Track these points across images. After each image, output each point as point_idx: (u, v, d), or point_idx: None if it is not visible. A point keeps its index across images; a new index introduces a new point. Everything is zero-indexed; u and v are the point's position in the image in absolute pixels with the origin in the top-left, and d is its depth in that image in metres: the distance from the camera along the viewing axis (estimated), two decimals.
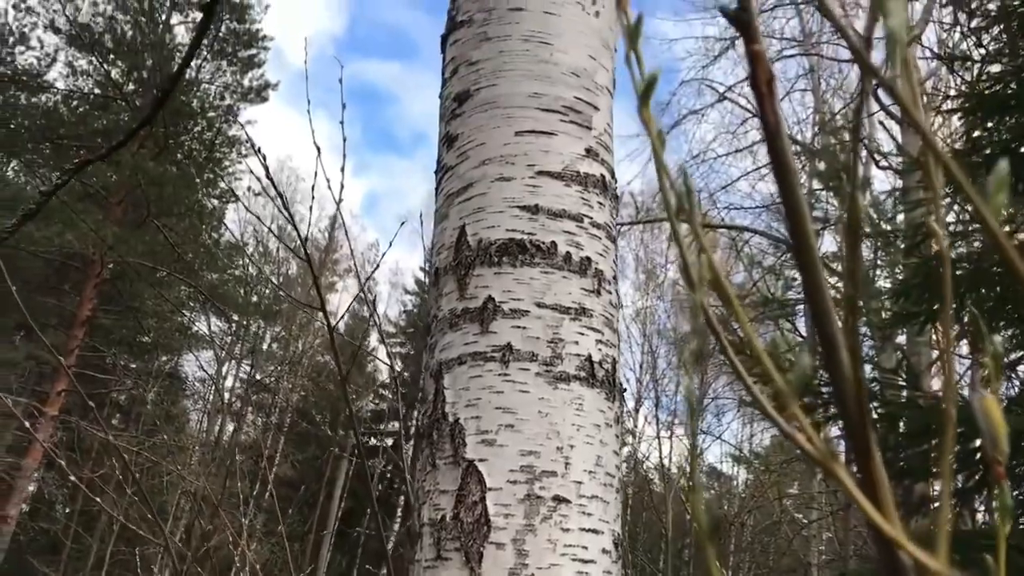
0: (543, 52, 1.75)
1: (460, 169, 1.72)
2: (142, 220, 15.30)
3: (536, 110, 1.71)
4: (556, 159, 1.67)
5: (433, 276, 1.70)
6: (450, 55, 1.87)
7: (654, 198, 17.14)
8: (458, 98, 1.79)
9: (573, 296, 1.56)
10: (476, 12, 1.83)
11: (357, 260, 16.55)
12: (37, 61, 16.21)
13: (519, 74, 1.73)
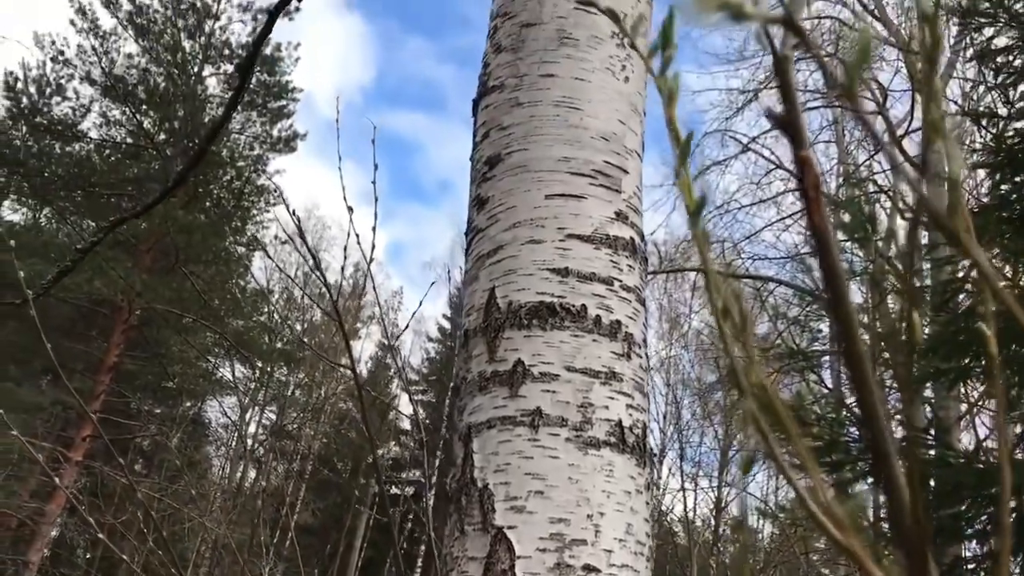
0: (573, 117, 1.77)
1: (491, 231, 1.74)
2: (170, 267, 15.49)
3: (566, 174, 1.72)
4: (586, 222, 1.68)
5: (463, 338, 1.71)
6: (481, 119, 1.90)
7: (677, 247, 17.13)
8: (489, 161, 1.81)
9: (603, 360, 1.56)
10: (508, 78, 1.86)
11: (381, 307, 16.63)
12: (72, 111, 16.59)
13: (550, 138, 1.76)
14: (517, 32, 1.88)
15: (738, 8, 0.30)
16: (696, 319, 20.71)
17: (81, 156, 16.73)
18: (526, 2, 1.90)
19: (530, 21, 1.87)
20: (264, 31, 2.24)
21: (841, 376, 14.30)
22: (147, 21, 15.76)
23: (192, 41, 16.11)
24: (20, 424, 14.44)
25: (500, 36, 1.93)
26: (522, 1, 1.91)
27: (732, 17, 0.30)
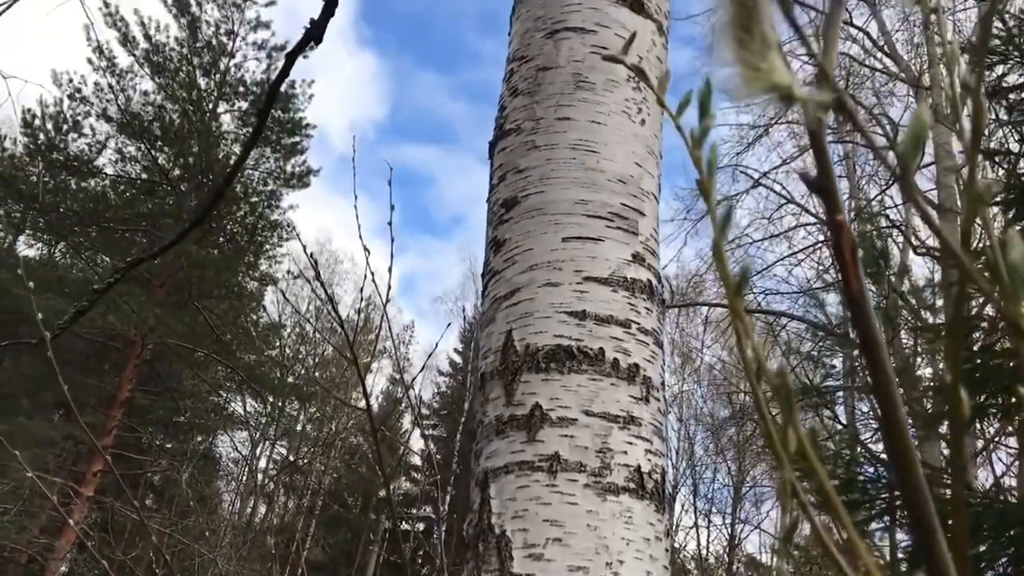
0: (590, 160, 1.77)
1: (507, 274, 1.74)
2: (184, 302, 15.56)
3: (583, 216, 1.72)
4: (603, 265, 1.68)
5: (479, 380, 1.70)
6: (498, 161, 1.91)
7: (689, 282, 17.11)
8: (506, 204, 1.82)
9: (621, 404, 1.55)
10: (524, 121, 1.87)
11: (396, 349, 16.61)
12: (88, 147, 16.77)
13: (566, 181, 1.76)
14: (534, 76, 1.90)
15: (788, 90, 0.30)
16: (708, 354, 20.63)
17: (96, 192, 16.88)
18: (542, 46, 1.91)
19: (546, 65, 1.89)
20: (282, 74, 2.27)
21: (855, 412, 14.19)
22: (163, 59, 15.98)
23: (207, 78, 16.31)
24: (31, 459, 14.44)
25: (516, 80, 1.94)
26: (538, 45, 1.92)
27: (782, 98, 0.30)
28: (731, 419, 19.43)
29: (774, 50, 0.29)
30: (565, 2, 1.92)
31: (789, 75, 0.29)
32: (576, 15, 1.90)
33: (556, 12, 1.93)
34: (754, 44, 0.28)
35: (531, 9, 1.98)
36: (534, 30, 1.95)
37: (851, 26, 14.90)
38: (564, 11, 1.92)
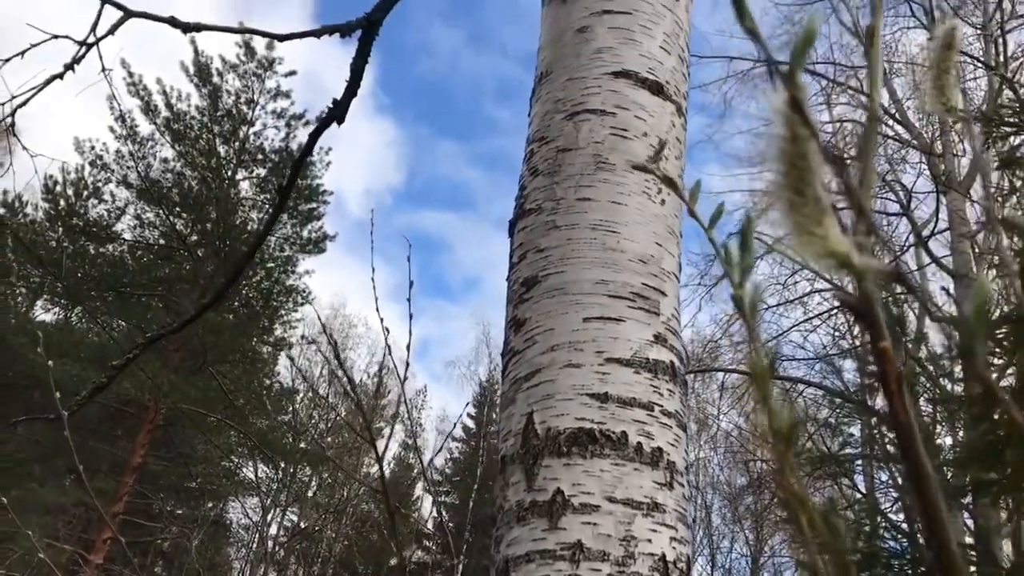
0: (610, 240, 1.78)
1: (528, 354, 1.73)
2: (198, 367, 15.57)
3: (604, 296, 1.72)
4: (625, 346, 1.67)
5: (500, 463, 1.68)
6: (518, 240, 1.91)
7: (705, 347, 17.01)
8: (526, 283, 1.82)
9: (645, 490, 1.52)
10: (544, 201, 1.88)
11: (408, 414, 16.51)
12: (107, 213, 16.98)
13: (587, 261, 1.76)
14: (554, 156, 1.91)
15: (844, 258, 0.29)
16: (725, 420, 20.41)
17: (114, 257, 17.04)
18: (562, 128, 1.93)
19: (567, 146, 1.90)
20: (304, 152, 2.30)
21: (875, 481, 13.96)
22: (184, 127, 16.26)
23: (227, 146, 16.56)
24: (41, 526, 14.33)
25: (537, 160, 1.96)
26: (558, 127, 1.94)
27: (839, 267, 0.30)
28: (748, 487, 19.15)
29: (829, 214, 0.28)
30: (585, 85, 1.95)
31: (845, 242, 0.29)
32: (596, 97, 1.93)
33: (576, 95, 1.95)
34: (808, 208, 0.28)
35: (551, 92, 2.01)
36: (554, 112, 1.97)
37: (861, 93, 15.07)
38: (584, 94, 1.94)
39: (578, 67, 1.99)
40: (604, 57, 1.98)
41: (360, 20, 2.22)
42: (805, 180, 0.29)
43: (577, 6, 2.07)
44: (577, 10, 2.06)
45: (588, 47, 2.00)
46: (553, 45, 2.09)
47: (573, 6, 2.08)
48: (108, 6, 2.05)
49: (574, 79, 1.98)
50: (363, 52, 2.25)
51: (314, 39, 2.20)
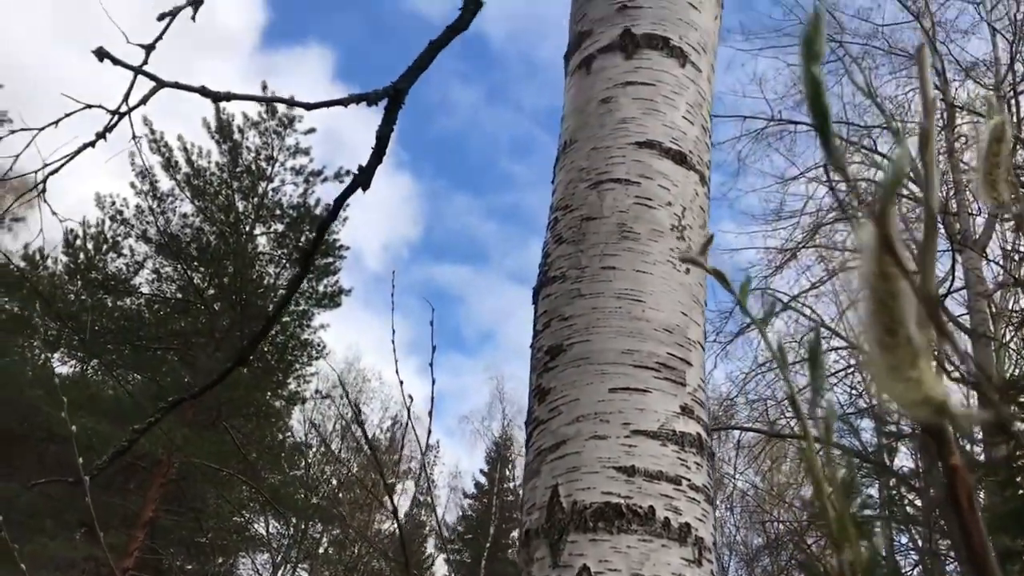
0: (636, 309, 1.77)
1: (552, 425, 1.72)
2: (211, 421, 15.54)
3: (630, 366, 1.71)
4: (651, 417, 1.66)
5: (523, 537, 1.65)
6: (542, 308, 1.91)
7: (721, 405, 16.87)
8: (550, 351, 1.81)
9: (673, 567, 1.50)
10: (569, 269, 1.88)
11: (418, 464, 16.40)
12: (125, 267, 17.15)
13: (612, 330, 1.76)
14: (578, 225, 1.92)
15: (941, 405, 0.29)
16: (741, 479, 20.15)
17: (131, 310, 17.15)
18: (586, 196, 1.94)
19: (591, 215, 1.91)
20: (329, 217, 2.32)
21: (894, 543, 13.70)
22: (204, 183, 16.48)
23: (245, 201, 16.76)
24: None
25: (561, 228, 1.96)
26: (582, 195, 1.95)
27: (935, 413, 0.29)
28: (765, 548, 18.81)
29: (923, 356, 0.28)
30: (609, 155, 1.96)
31: (941, 387, 0.28)
32: (620, 167, 1.94)
33: (600, 164, 1.97)
34: (900, 350, 0.28)
35: (575, 161, 2.03)
36: (578, 180, 1.99)
37: (875, 153, 15.13)
38: (608, 163, 1.96)
39: (602, 137, 2.01)
40: (628, 127, 1.99)
41: (386, 89, 2.26)
42: (897, 320, 0.28)
43: (601, 77, 2.09)
44: (601, 81, 2.09)
45: (612, 117, 2.02)
46: (577, 115, 2.11)
47: (597, 77, 2.10)
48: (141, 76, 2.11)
49: (598, 148, 1.99)
50: (389, 120, 2.28)
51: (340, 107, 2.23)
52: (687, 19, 2.16)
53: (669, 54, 2.09)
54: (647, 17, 2.14)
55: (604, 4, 2.20)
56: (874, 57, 15.16)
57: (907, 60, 14.63)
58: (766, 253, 15.72)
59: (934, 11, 14.32)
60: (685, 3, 2.18)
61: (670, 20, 2.14)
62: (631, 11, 2.15)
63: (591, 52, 2.16)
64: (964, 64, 14.04)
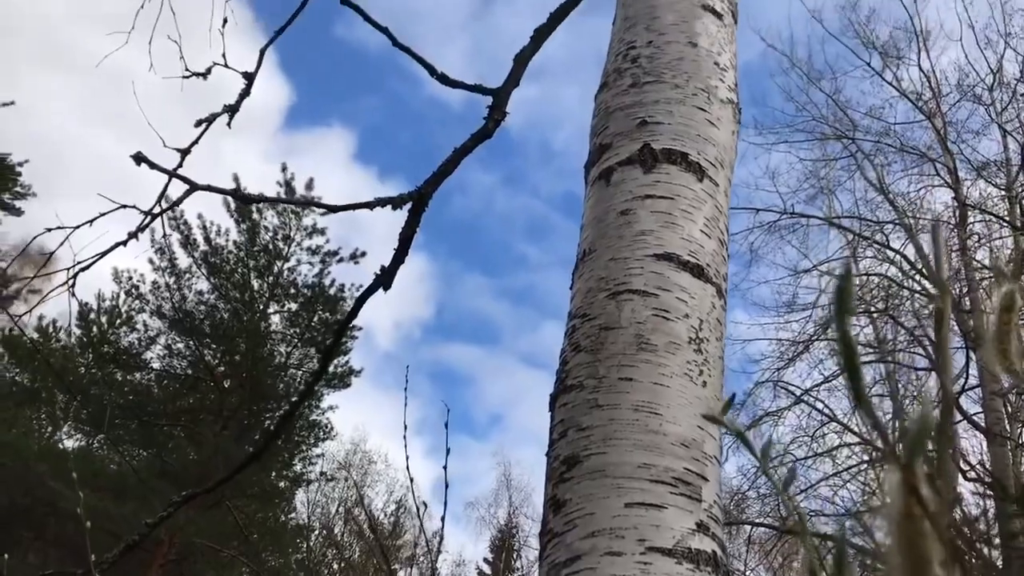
0: (653, 422, 1.79)
1: (567, 538, 1.71)
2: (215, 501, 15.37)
3: (646, 481, 1.72)
4: (667, 534, 1.65)
5: None
6: (559, 416, 1.93)
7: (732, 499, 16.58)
8: (567, 461, 1.82)
9: None
10: (586, 378, 1.90)
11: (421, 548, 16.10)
12: (138, 341, 17.23)
13: (629, 443, 1.76)
14: (596, 334, 1.95)
15: None
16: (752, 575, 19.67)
17: (141, 385, 17.17)
18: (605, 306, 1.98)
19: (609, 324, 1.94)
20: (350, 316, 2.36)
21: None
22: (220, 260, 16.66)
23: (260, 280, 16.90)
24: None
25: (579, 336, 1.99)
26: (601, 305, 1.99)
27: None
28: None
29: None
30: (627, 266, 2.00)
31: None
32: (638, 278, 1.98)
33: (619, 275, 2.00)
34: None
35: (594, 270, 2.06)
36: (597, 290, 2.02)
37: (888, 248, 15.20)
38: (627, 274, 2.00)
39: (621, 248, 2.05)
40: (647, 239, 2.04)
41: (411, 193, 2.32)
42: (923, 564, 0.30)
43: (621, 189, 2.15)
44: (620, 193, 2.14)
45: (631, 229, 2.07)
46: (596, 225, 2.16)
47: (617, 189, 2.16)
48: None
49: (617, 259, 2.03)
50: (412, 223, 2.34)
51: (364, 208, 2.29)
52: (705, 135, 2.23)
53: (687, 169, 2.15)
54: (666, 133, 2.20)
55: (624, 119, 2.28)
56: (886, 154, 15.37)
57: (919, 158, 14.83)
58: (778, 345, 15.66)
59: (945, 111, 14.58)
60: (703, 119, 2.25)
61: (689, 136, 2.21)
62: (651, 126, 2.22)
63: (611, 164, 2.22)
64: (976, 164, 14.21)
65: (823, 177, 16.18)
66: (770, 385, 15.43)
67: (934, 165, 14.60)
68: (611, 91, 2.38)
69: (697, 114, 2.25)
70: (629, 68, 2.36)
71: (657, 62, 2.33)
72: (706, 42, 2.38)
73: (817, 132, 15.90)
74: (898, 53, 15.18)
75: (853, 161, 15.74)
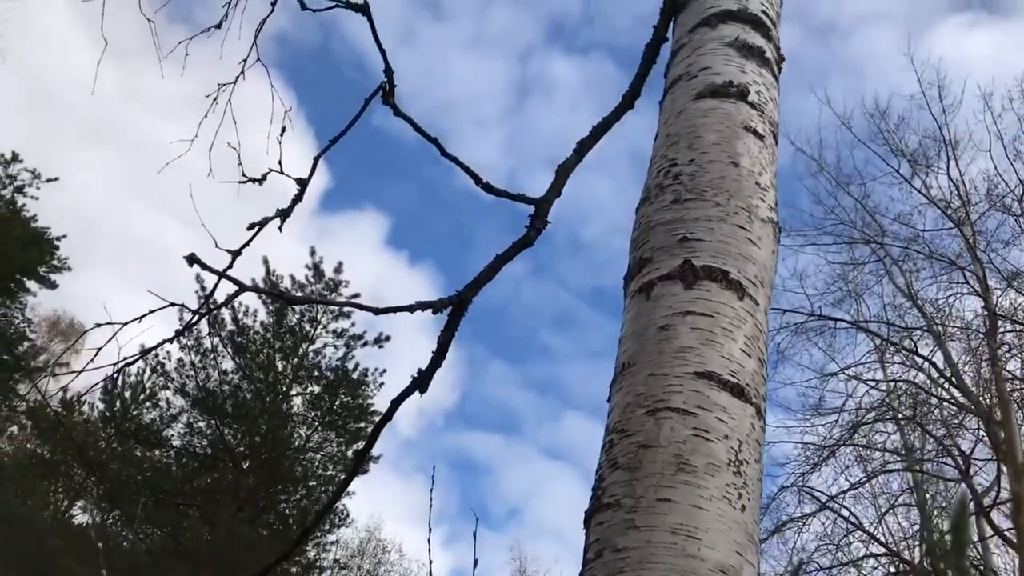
0: (691, 547, 1.76)
1: None
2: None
3: None
4: None
5: None
6: (594, 535, 1.90)
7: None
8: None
9: None
10: (623, 497, 1.88)
11: None
12: (159, 418, 17.27)
13: (666, 568, 1.73)
14: (634, 452, 1.93)
15: None
16: None
17: (159, 463, 17.13)
18: (644, 423, 1.97)
19: (647, 443, 1.93)
20: (384, 419, 2.36)
21: None
22: (247, 340, 16.79)
23: (285, 362, 16.98)
24: None
25: (616, 452, 1.98)
26: (639, 421, 1.98)
27: None
28: None
29: None
30: (667, 383, 2.00)
31: None
32: (678, 396, 1.97)
33: (658, 391, 2.00)
34: None
35: (633, 385, 2.06)
36: (635, 406, 2.01)
37: (916, 355, 15.02)
38: (666, 391, 1.99)
39: (660, 364, 2.05)
40: (687, 356, 2.04)
41: (451, 298, 2.35)
42: None
43: (661, 304, 2.16)
44: (661, 308, 2.15)
45: (671, 345, 2.07)
46: (636, 339, 2.16)
47: (657, 304, 2.17)
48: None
49: (656, 375, 2.03)
50: (451, 327, 2.36)
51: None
52: (746, 253, 2.25)
53: (728, 287, 2.16)
54: (707, 250, 2.23)
55: (665, 234, 2.30)
56: (915, 260, 15.34)
57: (948, 266, 14.78)
58: (804, 449, 15.36)
59: (975, 220, 14.59)
60: (744, 238, 2.27)
61: (729, 254, 2.23)
62: (692, 243, 2.25)
63: (651, 279, 2.24)
64: (1006, 273, 14.14)
65: (851, 280, 16.16)
66: (795, 490, 15.11)
67: (963, 273, 14.53)
68: (652, 205, 2.42)
69: (738, 232, 2.27)
70: (671, 184, 2.40)
71: (699, 180, 2.37)
72: (747, 162, 2.42)
73: (845, 236, 15.95)
74: (927, 161, 15.29)
75: (881, 266, 15.73)
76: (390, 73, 2.35)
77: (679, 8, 2.93)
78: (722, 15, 2.75)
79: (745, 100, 2.54)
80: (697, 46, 2.72)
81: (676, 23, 2.97)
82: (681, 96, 2.62)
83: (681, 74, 2.69)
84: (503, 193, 2.53)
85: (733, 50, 2.66)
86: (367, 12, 2.22)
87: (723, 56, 2.64)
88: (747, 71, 2.62)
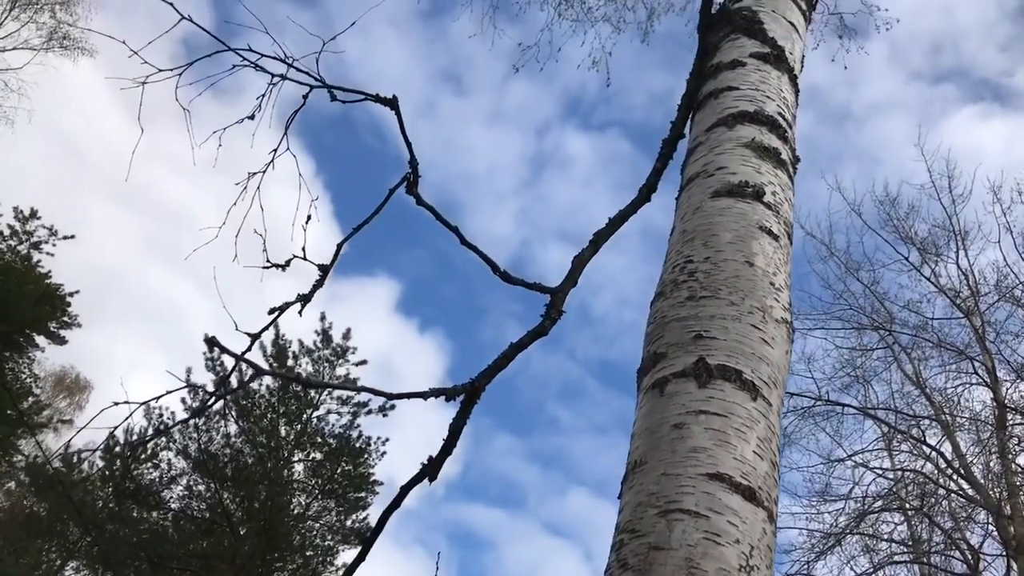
0: None
1: None
2: None
3: None
4: None
5: None
6: None
7: None
8: None
9: None
10: None
11: None
12: (159, 479, 17.07)
13: None
14: (645, 553, 1.92)
15: None
16: None
17: (157, 525, 16.90)
18: (655, 524, 1.96)
19: (658, 545, 1.91)
20: (392, 505, 2.36)
21: None
22: (251, 404, 16.69)
23: (288, 427, 16.85)
24: None
25: (626, 553, 1.96)
26: (651, 522, 1.97)
27: None
28: None
29: None
30: (679, 483, 2.00)
31: None
32: (690, 498, 1.97)
33: (670, 492, 2.00)
34: None
35: (645, 484, 2.06)
36: (647, 505, 2.01)
37: (924, 444, 14.85)
38: (678, 491, 1.99)
39: (673, 463, 2.05)
40: (699, 456, 2.04)
41: (465, 386, 2.36)
42: None
43: (674, 402, 2.17)
44: (674, 406, 2.16)
45: (684, 444, 2.07)
46: (648, 435, 2.17)
47: (670, 401, 2.18)
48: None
49: (668, 475, 2.03)
50: (463, 415, 2.37)
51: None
52: (760, 353, 2.27)
53: (741, 387, 2.17)
54: (721, 348, 2.25)
55: (680, 330, 2.33)
56: (924, 348, 15.29)
57: (957, 355, 14.72)
58: (809, 536, 15.08)
59: (984, 310, 14.58)
60: (758, 338, 2.29)
61: (743, 353, 2.24)
62: (706, 340, 2.27)
63: (665, 375, 2.25)
64: (1015, 365, 14.06)
65: (859, 366, 16.09)
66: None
67: (972, 363, 14.46)
68: (667, 301, 2.45)
69: (752, 332, 2.29)
70: (686, 281, 2.43)
71: (714, 278, 2.40)
72: (762, 262, 2.45)
73: (854, 321, 15.95)
74: (936, 250, 15.37)
75: (890, 353, 15.68)
76: (415, 165, 2.41)
77: (698, 106, 3.01)
78: (739, 116, 2.82)
79: (761, 200, 2.59)
80: (714, 145, 2.78)
81: (694, 121, 3.04)
82: (698, 193, 2.67)
83: (698, 172, 2.74)
84: (520, 282, 2.56)
85: (749, 151, 2.72)
86: (396, 107, 2.29)
87: (740, 156, 2.70)
88: (763, 171, 2.67)
